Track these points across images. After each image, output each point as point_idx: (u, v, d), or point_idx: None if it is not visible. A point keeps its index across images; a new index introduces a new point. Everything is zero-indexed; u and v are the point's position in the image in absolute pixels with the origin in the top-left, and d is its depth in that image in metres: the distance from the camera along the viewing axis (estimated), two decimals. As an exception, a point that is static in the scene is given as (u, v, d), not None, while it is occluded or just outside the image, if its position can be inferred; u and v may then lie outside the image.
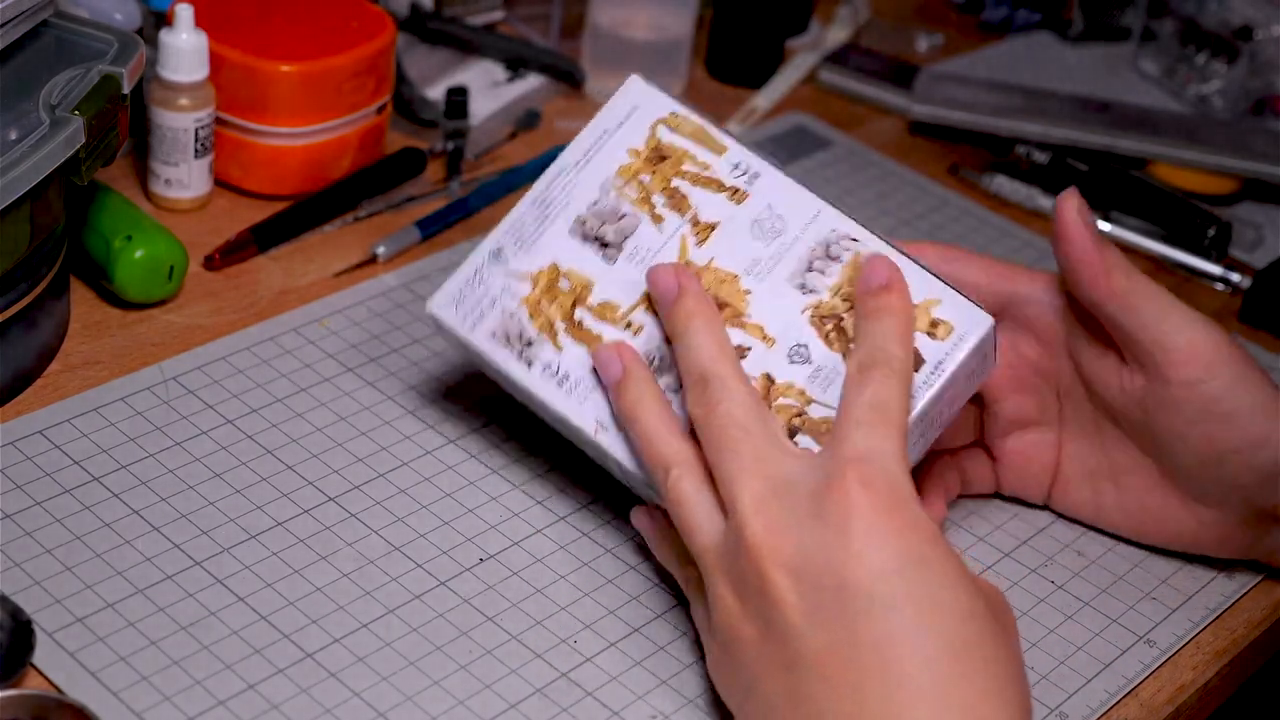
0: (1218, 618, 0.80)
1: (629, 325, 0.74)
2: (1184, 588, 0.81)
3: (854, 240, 0.74)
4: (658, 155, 0.76)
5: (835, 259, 0.74)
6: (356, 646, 0.71)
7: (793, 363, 0.73)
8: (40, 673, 0.67)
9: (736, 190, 0.76)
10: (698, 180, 0.76)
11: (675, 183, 0.76)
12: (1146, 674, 0.76)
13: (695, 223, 0.75)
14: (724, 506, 0.67)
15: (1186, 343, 0.75)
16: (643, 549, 0.77)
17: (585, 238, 0.75)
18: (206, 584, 0.72)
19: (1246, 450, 0.75)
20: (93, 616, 0.70)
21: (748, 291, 0.74)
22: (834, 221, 0.75)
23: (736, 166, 0.76)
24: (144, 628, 0.69)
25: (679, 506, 0.69)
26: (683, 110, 0.78)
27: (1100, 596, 0.79)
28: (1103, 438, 0.80)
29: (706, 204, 0.76)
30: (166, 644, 0.69)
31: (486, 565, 0.76)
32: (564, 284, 0.74)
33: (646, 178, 0.76)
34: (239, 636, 0.70)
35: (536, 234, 0.76)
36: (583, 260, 0.75)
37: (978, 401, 0.82)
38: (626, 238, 0.75)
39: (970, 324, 0.72)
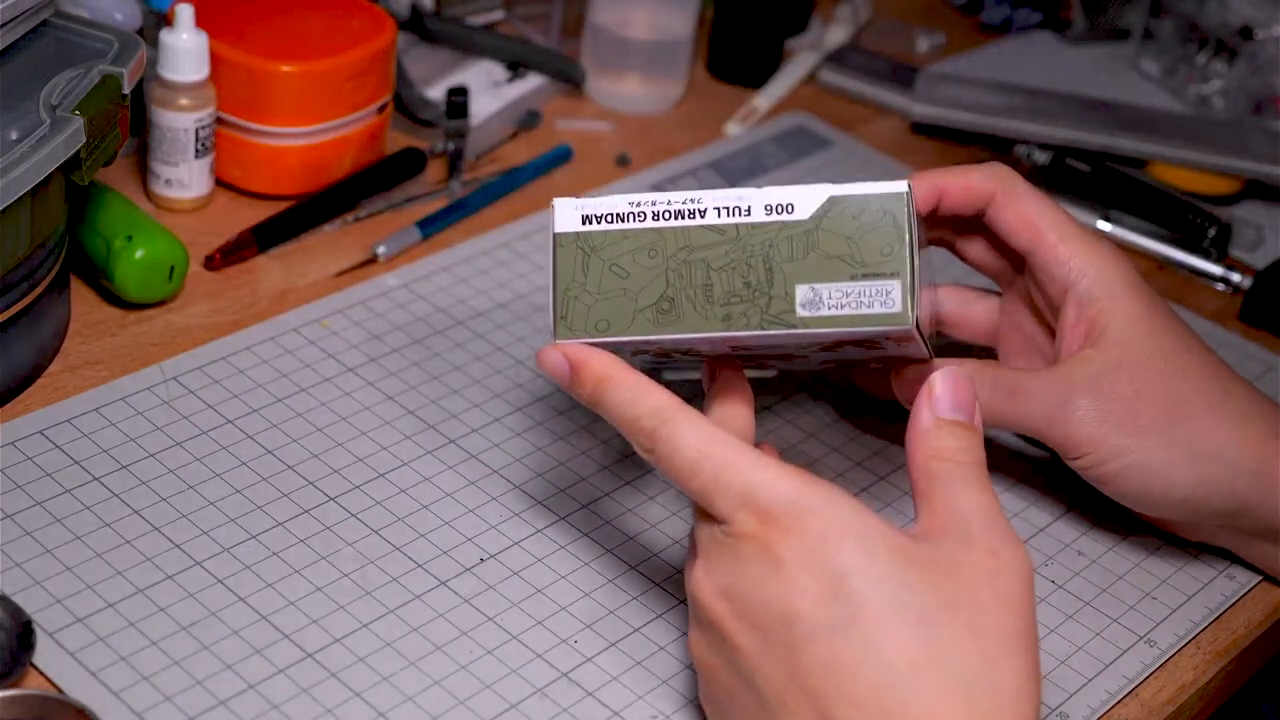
0: (1218, 618, 0.80)
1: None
2: (1184, 588, 0.81)
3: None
4: (871, 342, 0.70)
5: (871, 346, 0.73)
6: (356, 646, 0.71)
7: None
8: (40, 673, 0.67)
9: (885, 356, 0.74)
10: (870, 345, 0.72)
11: (851, 352, 0.72)
12: (1147, 674, 0.76)
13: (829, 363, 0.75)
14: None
15: (1085, 439, 0.75)
16: (643, 549, 0.78)
17: (743, 354, 0.71)
18: (207, 584, 0.72)
19: (1188, 500, 0.76)
20: (93, 616, 0.70)
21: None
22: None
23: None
24: (144, 628, 0.69)
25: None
26: (927, 348, 0.72)
27: (1100, 596, 0.79)
28: None
29: (853, 353, 0.73)
30: (166, 644, 0.69)
31: (486, 565, 0.76)
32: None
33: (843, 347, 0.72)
34: (239, 636, 0.70)
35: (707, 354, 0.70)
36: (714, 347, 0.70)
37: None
38: (771, 358, 0.72)
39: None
